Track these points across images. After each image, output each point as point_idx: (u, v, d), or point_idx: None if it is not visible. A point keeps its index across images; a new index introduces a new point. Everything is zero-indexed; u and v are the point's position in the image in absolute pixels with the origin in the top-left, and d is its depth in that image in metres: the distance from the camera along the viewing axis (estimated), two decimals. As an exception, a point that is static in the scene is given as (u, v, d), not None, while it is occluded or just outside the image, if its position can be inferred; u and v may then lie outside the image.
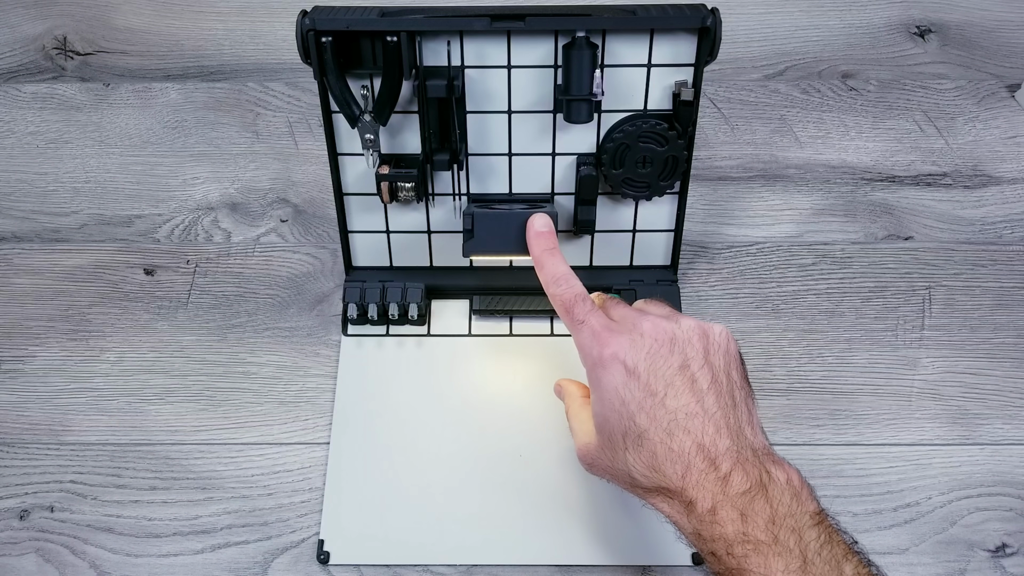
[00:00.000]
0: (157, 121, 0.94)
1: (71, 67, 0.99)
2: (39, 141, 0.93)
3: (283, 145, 0.92)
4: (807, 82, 0.96)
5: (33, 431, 0.73)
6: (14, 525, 0.68)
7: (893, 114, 0.93)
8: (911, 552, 0.66)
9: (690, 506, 0.51)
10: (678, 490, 0.51)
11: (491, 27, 0.64)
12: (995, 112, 0.93)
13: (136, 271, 0.82)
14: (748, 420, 0.54)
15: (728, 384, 0.55)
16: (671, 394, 0.53)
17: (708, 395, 0.53)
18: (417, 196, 0.72)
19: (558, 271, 0.62)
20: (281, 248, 0.84)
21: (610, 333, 0.57)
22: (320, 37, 0.64)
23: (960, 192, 0.87)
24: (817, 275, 0.82)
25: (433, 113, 0.68)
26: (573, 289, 0.61)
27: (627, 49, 0.66)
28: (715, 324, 0.57)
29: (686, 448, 0.52)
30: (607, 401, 0.55)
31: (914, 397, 0.74)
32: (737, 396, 0.55)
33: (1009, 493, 0.69)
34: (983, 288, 0.81)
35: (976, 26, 1.01)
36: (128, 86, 0.97)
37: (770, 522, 0.48)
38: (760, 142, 0.91)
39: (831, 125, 0.93)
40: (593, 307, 0.60)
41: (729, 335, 0.57)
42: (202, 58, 0.99)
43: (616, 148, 0.70)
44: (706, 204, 0.87)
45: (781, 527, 0.48)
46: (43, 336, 0.78)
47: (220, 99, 0.96)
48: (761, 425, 0.56)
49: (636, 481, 0.54)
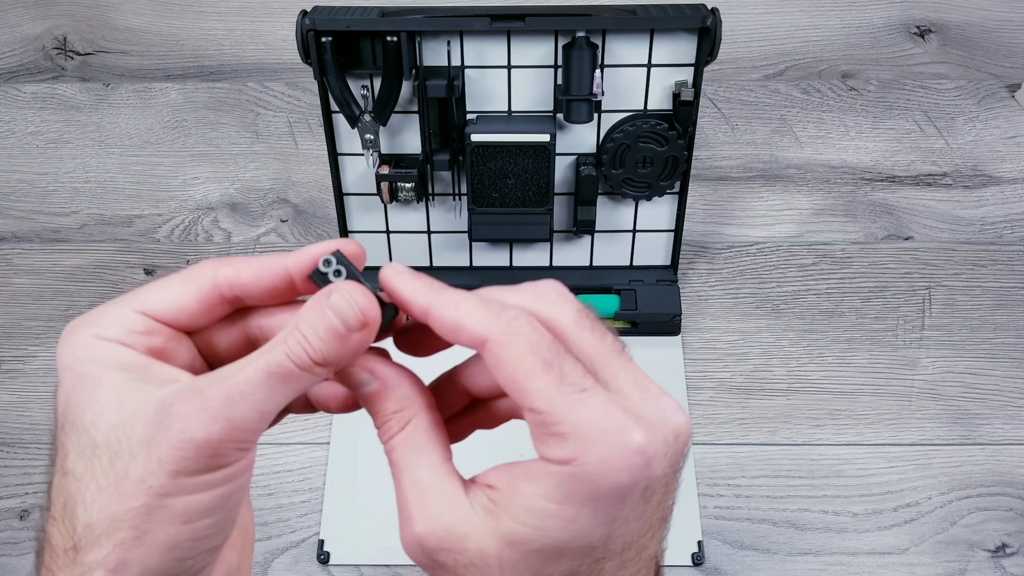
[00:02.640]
0: (157, 121, 0.94)
1: (71, 67, 0.99)
2: (39, 141, 0.93)
3: (283, 145, 0.92)
4: (807, 82, 0.96)
5: (33, 431, 0.73)
6: (14, 525, 0.68)
7: (893, 114, 0.93)
8: (911, 552, 0.66)
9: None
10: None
11: (491, 27, 0.64)
12: (995, 112, 0.93)
13: (136, 271, 0.82)
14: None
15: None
16: (654, 537, 0.32)
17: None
18: (417, 196, 0.72)
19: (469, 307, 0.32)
20: (281, 248, 0.84)
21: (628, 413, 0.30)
22: (320, 37, 0.64)
23: (960, 192, 0.87)
24: (817, 275, 0.81)
25: (433, 113, 0.68)
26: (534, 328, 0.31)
27: (627, 49, 0.66)
28: (673, 404, 0.31)
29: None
30: (589, 517, 0.29)
31: (914, 397, 0.74)
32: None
33: (1009, 493, 0.69)
34: (983, 288, 0.80)
35: (976, 26, 1.01)
36: (128, 86, 0.97)
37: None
38: (760, 142, 0.91)
39: (831, 125, 0.93)
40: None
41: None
42: (202, 58, 0.99)
43: (616, 148, 0.70)
44: (706, 204, 0.86)
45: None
46: (43, 336, 0.78)
47: (220, 99, 0.96)
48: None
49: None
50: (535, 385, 0.29)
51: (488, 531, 0.30)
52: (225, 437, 0.30)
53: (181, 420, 0.29)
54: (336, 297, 0.31)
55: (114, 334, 0.31)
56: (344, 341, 0.31)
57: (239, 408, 0.30)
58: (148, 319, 0.32)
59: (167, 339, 0.32)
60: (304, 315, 0.31)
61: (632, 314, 0.76)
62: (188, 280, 0.33)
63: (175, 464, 0.29)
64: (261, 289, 0.33)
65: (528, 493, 0.29)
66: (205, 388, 0.30)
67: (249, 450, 0.31)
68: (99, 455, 0.30)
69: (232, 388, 0.30)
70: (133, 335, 0.31)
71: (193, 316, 0.33)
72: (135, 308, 0.32)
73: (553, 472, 0.29)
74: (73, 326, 0.32)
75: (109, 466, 0.29)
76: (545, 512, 0.29)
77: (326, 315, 0.30)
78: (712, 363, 0.76)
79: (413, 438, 0.33)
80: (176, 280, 0.33)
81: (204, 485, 0.30)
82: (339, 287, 0.31)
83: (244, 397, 0.30)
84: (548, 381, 0.29)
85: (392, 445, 0.33)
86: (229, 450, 0.30)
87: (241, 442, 0.30)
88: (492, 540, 0.30)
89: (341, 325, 0.30)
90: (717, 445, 0.71)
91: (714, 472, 0.70)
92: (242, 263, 0.33)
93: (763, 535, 0.67)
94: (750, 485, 0.70)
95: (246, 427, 0.30)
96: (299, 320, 0.31)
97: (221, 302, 0.33)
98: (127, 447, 0.29)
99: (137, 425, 0.29)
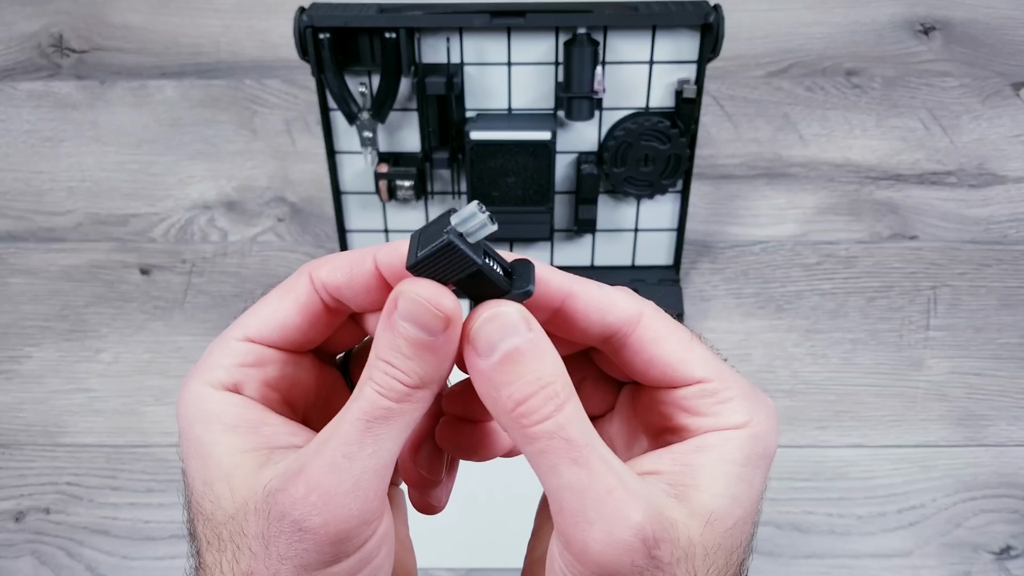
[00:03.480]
0: (153, 119, 0.93)
1: (67, 65, 0.98)
2: (34, 139, 0.92)
3: (280, 143, 0.91)
4: (811, 79, 0.95)
5: (28, 432, 0.72)
6: (10, 527, 0.67)
7: (898, 112, 0.93)
8: (916, 555, 0.66)
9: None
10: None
11: (491, 23, 0.64)
12: (1000, 110, 0.93)
13: (132, 271, 0.81)
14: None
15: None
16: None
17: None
18: (416, 194, 0.71)
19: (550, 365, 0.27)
20: (278, 247, 0.83)
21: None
22: (318, 34, 0.63)
23: (965, 191, 0.86)
24: (821, 275, 0.81)
25: (432, 111, 0.67)
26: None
27: (629, 46, 0.66)
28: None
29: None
30: (761, 480, 0.29)
31: (919, 398, 0.73)
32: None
33: (1014, 495, 0.68)
34: (988, 288, 0.80)
35: (981, 24, 1.00)
36: (124, 84, 0.96)
37: None
38: (764, 140, 0.91)
39: (835, 123, 0.92)
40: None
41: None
42: (199, 55, 0.99)
43: (618, 146, 0.69)
44: (709, 203, 0.86)
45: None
46: (38, 337, 0.77)
47: (217, 97, 0.95)
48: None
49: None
50: (698, 354, 0.28)
51: (687, 514, 0.26)
52: (344, 516, 0.25)
53: (291, 510, 0.25)
54: (403, 303, 0.25)
55: (226, 376, 0.28)
56: (435, 350, 0.26)
57: (348, 475, 0.25)
58: (255, 345, 0.28)
59: (283, 366, 0.28)
60: (379, 338, 0.26)
61: (634, 314, 0.75)
62: (285, 292, 0.28)
63: (298, 559, 0.25)
64: (358, 294, 0.28)
65: (714, 464, 0.27)
66: (307, 464, 0.25)
67: (378, 520, 0.26)
68: (224, 548, 0.26)
69: (333, 454, 0.25)
70: (245, 371, 0.28)
71: (302, 331, 0.28)
72: (239, 336, 0.28)
73: (732, 437, 0.28)
74: (187, 377, 0.28)
75: (235, 562, 0.26)
76: (737, 477, 0.27)
77: (402, 328, 0.26)
78: (715, 364, 0.75)
79: (582, 411, 0.26)
80: (274, 295, 0.29)
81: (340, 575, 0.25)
82: (400, 290, 0.26)
83: (350, 459, 0.25)
84: (708, 350, 0.29)
85: (563, 420, 0.25)
86: (356, 529, 0.25)
87: (365, 514, 0.25)
88: (694, 524, 0.26)
89: (424, 333, 0.26)
90: (720, 447, 0.71)
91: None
92: (336, 261, 0.28)
93: (767, 538, 0.67)
94: (753, 487, 0.69)
95: (365, 496, 0.25)
96: (376, 345, 0.26)
97: (327, 311, 0.29)
98: (246, 543, 0.26)
99: (250, 518, 0.26)
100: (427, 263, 0.25)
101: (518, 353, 0.25)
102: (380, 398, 0.25)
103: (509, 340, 0.25)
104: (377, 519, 0.26)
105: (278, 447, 0.27)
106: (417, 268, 0.25)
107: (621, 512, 0.25)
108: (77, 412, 0.73)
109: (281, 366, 0.28)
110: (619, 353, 0.29)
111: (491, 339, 0.25)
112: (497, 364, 0.25)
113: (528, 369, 0.25)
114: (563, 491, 0.25)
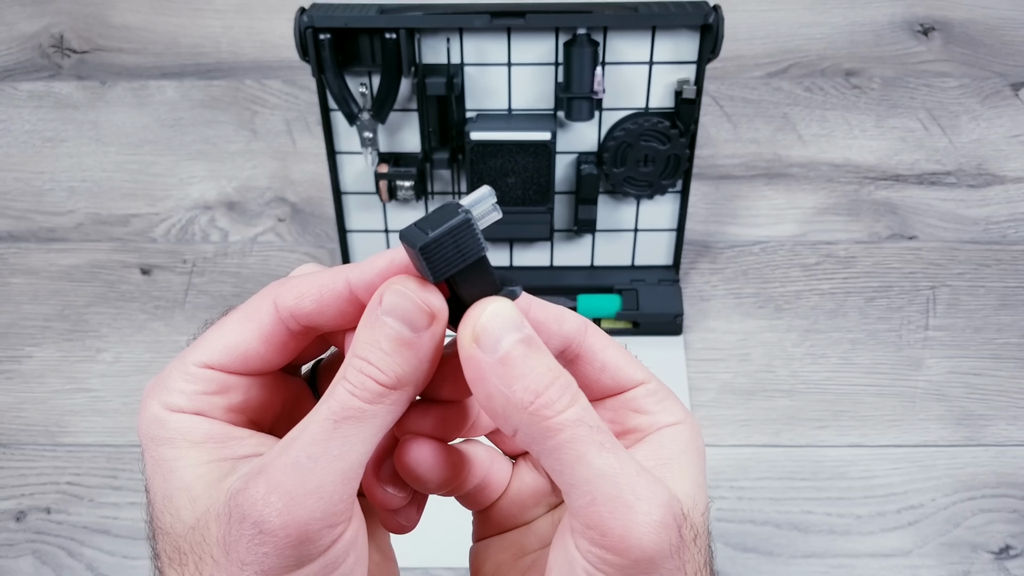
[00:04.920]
0: (154, 119, 0.93)
1: (68, 65, 0.98)
2: (35, 140, 0.92)
3: (281, 143, 0.91)
4: (810, 80, 0.96)
5: (29, 432, 0.72)
6: (11, 527, 0.67)
7: (897, 112, 0.93)
8: (915, 554, 0.66)
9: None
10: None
11: (491, 24, 0.64)
12: (999, 111, 0.93)
13: (132, 271, 0.81)
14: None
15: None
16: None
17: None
18: (416, 194, 0.71)
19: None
20: (279, 247, 0.83)
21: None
22: (318, 34, 0.63)
23: (964, 191, 0.86)
24: (820, 274, 0.81)
25: (432, 111, 0.67)
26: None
27: (629, 46, 0.66)
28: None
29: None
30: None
31: (918, 398, 0.73)
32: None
33: (1013, 495, 0.68)
34: (987, 288, 0.80)
35: (980, 24, 1.00)
36: (125, 84, 0.96)
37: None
38: (763, 140, 0.91)
39: (834, 123, 0.92)
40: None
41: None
42: (199, 56, 0.99)
43: (618, 146, 0.69)
44: (708, 203, 0.86)
45: None
46: (39, 336, 0.78)
47: (217, 97, 0.95)
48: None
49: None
50: (631, 359, 0.30)
51: (681, 495, 0.27)
52: (305, 518, 0.24)
53: (251, 511, 0.24)
54: (388, 296, 0.25)
55: (187, 402, 0.27)
56: (415, 348, 0.25)
57: (312, 476, 0.24)
58: (216, 372, 0.27)
59: (246, 390, 0.28)
60: (358, 335, 0.25)
61: (634, 314, 0.75)
62: (247, 319, 0.27)
63: (258, 564, 0.24)
64: (330, 317, 0.27)
65: (677, 455, 0.28)
66: (269, 464, 0.24)
67: (344, 524, 0.25)
68: (185, 562, 0.25)
69: (297, 455, 0.24)
70: (206, 399, 0.27)
71: (264, 359, 0.27)
72: (198, 361, 0.27)
73: (681, 431, 0.29)
74: (145, 396, 0.27)
75: (197, 573, 0.25)
76: (698, 466, 0.28)
77: (383, 323, 0.25)
78: (714, 363, 0.76)
79: (591, 408, 0.26)
80: (235, 320, 0.28)
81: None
82: (387, 284, 0.25)
83: (314, 460, 0.24)
84: (634, 356, 0.30)
85: (583, 409, 0.25)
86: (317, 532, 0.24)
87: (329, 517, 0.24)
88: (689, 504, 0.27)
89: (406, 328, 0.25)
90: (719, 447, 0.71)
91: (716, 474, 0.69)
92: (303, 287, 0.27)
93: (766, 537, 0.67)
94: (753, 487, 0.69)
95: (329, 498, 0.24)
96: (355, 344, 0.25)
97: (292, 336, 0.28)
98: (208, 551, 0.25)
99: (212, 524, 0.25)
100: (439, 244, 0.24)
101: (526, 345, 0.25)
102: (351, 398, 0.25)
103: (515, 333, 0.25)
104: (343, 523, 0.25)
105: (244, 456, 0.26)
106: (428, 249, 0.24)
107: (654, 491, 0.25)
108: (78, 412, 0.73)
109: (244, 390, 0.28)
110: (574, 363, 0.29)
111: (497, 333, 0.25)
112: (504, 357, 0.25)
113: (538, 361, 0.25)
114: (596, 479, 0.25)
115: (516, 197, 0.70)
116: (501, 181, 0.70)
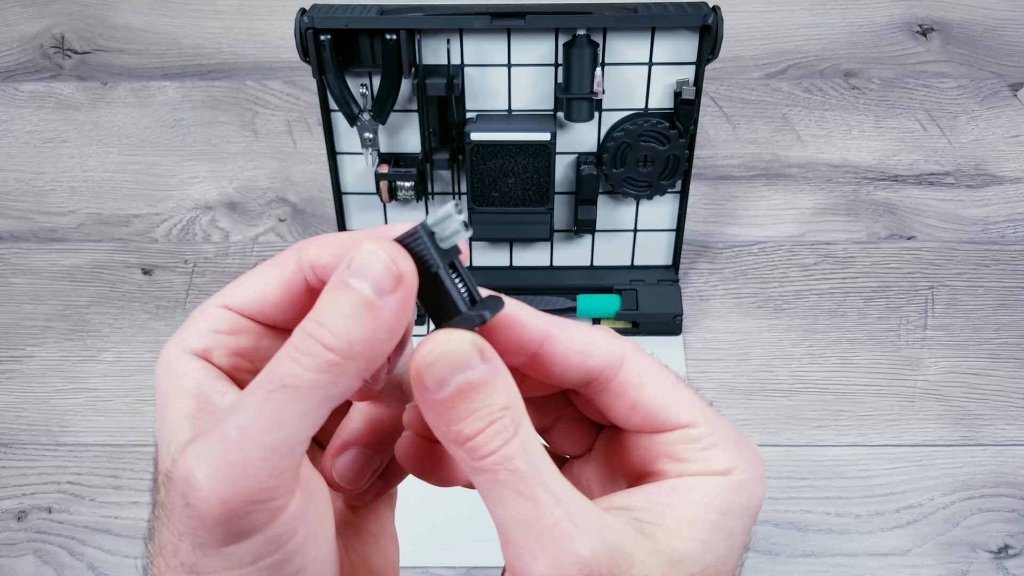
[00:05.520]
0: (155, 120, 0.93)
1: (69, 66, 0.99)
2: (37, 140, 0.92)
3: (281, 144, 0.91)
4: (809, 80, 0.96)
5: (31, 431, 0.72)
6: (12, 526, 0.67)
7: (895, 113, 0.93)
8: (913, 554, 0.66)
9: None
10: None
11: (491, 25, 0.64)
12: (998, 111, 0.93)
13: (134, 271, 0.81)
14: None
15: None
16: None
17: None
18: (416, 195, 0.71)
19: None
20: (280, 247, 0.84)
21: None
22: (319, 35, 0.64)
23: (963, 192, 0.87)
24: (819, 275, 0.81)
25: (433, 112, 0.67)
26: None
27: (628, 47, 0.66)
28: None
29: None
30: (742, 531, 0.28)
31: (917, 398, 0.74)
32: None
33: (1012, 494, 0.69)
34: (986, 288, 0.80)
35: (979, 25, 1.01)
36: (126, 85, 0.96)
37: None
38: (762, 141, 0.91)
39: (833, 124, 0.92)
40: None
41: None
42: (200, 56, 0.99)
43: (617, 147, 0.70)
44: (708, 203, 0.86)
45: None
46: (40, 336, 0.78)
47: (218, 98, 0.95)
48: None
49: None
50: (683, 397, 0.27)
51: (649, 552, 0.25)
52: (227, 494, 0.22)
53: (180, 483, 0.23)
54: (357, 255, 0.23)
55: (199, 340, 0.27)
56: (374, 312, 0.23)
57: (237, 450, 0.23)
58: (232, 314, 0.28)
59: (256, 338, 0.28)
60: (320, 297, 0.24)
61: (633, 314, 0.75)
62: (272, 265, 0.28)
63: (192, 536, 0.23)
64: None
65: (688, 507, 0.26)
66: (201, 434, 0.23)
67: (282, 499, 0.23)
68: (159, 515, 0.25)
69: (227, 427, 0.23)
70: (217, 337, 0.27)
71: (280, 307, 0.28)
72: (218, 303, 0.28)
73: (713, 483, 0.27)
74: (170, 338, 0.28)
75: (167, 533, 0.24)
76: (712, 524, 0.26)
77: (346, 283, 0.23)
78: (714, 363, 0.76)
79: (534, 441, 0.25)
80: (261, 268, 0.28)
81: (241, 559, 0.23)
82: (362, 243, 0.24)
83: (242, 432, 0.23)
84: (693, 394, 0.28)
85: (510, 452, 0.24)
86: (245, 509, 0.23)
87: (257, 493, 0.23)
88: (655, 562, 0.25)
89: (370, 289, 0.23)
90: (718, 446, 0.71)
91: (715, 473, 0.70)
92: (326, 240, 0.27)
93: (765, 536, 0.67)
94: (752, 486, 0.69)
95: (255, 475, 0.23)
96: (314, 306, 0.24)
97: (309, 291, 0.27)
98: (164, 512, 0.24)
99: (162, 487, 0.25)
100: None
101: (469, 387, 0.24)
102: (292, 364, 0.23)
103: (460, 375, 0.24)
104: (279, 498, 0.23)
105: (215, 413, 0.26)
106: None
107: (566, 545, 0.24)
108: (79, 411, 0.73)
109: (255, 338, 0.28)
110: (600, 397, 0.28)
111: (441, 374, 0.24)
112: (447, 399, 0.24)
113: (479, 404, 0.24)
114: (509, 523, 0.24)
115: (516, 197, 0.71)
116: (501, 181, 0.70)
